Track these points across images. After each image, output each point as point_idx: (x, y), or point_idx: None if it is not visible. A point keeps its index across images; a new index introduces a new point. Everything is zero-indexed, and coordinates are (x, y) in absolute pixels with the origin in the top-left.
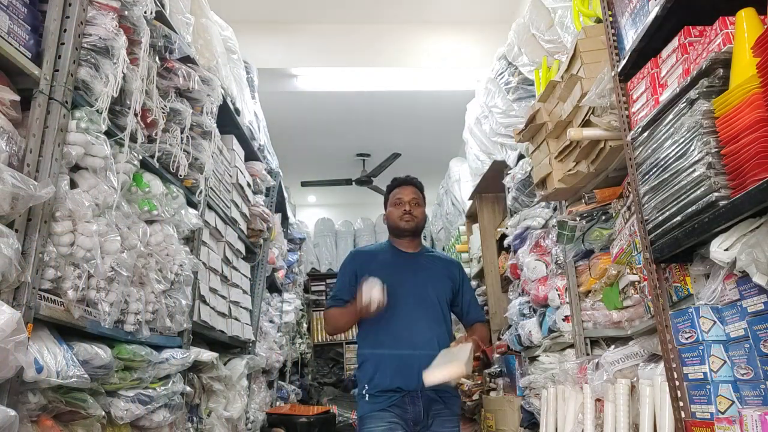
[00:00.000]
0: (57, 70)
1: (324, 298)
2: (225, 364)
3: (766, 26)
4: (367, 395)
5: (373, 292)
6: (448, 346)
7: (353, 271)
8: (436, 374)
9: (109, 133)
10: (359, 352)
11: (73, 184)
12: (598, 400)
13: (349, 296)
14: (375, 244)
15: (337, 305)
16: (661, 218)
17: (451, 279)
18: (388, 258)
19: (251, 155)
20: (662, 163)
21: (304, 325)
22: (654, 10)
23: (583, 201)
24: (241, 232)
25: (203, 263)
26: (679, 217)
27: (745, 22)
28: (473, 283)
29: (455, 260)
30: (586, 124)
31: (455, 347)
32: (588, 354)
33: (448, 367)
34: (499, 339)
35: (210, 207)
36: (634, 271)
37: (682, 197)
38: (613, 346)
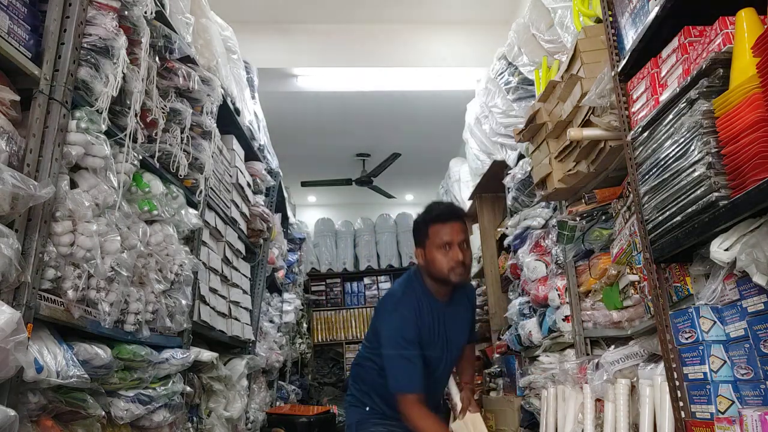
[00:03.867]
0: (57, 70)
1: (324, 298)
2: (225, 364)
3: (766, 26)
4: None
5: None
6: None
7: (418, 337)
8: None
9: (109, 133)
10: (367, 396)
11: (73, 184)
12: (598, 400)
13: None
14: (413, 294)
15: (418, 391)
16: (661, 218)
17: (471, 314)
18: (429, 316)
19: (251, 155)
20: (662, 163)
21: (304, 325)
22: (654, 10)
23: (583, 201)
24: (241, 232)
25: (203, 263)
26: (679, 217)
27: (745, 22)
28: (473, 283)
29: (471, 288)
30: (586, 124)
31: (466, 422)
32: (588, 354)
33: None
34: (499, 339)
35: (210, 207)
36: (634, 271)
37: (682, 197)
38: (613, 346)
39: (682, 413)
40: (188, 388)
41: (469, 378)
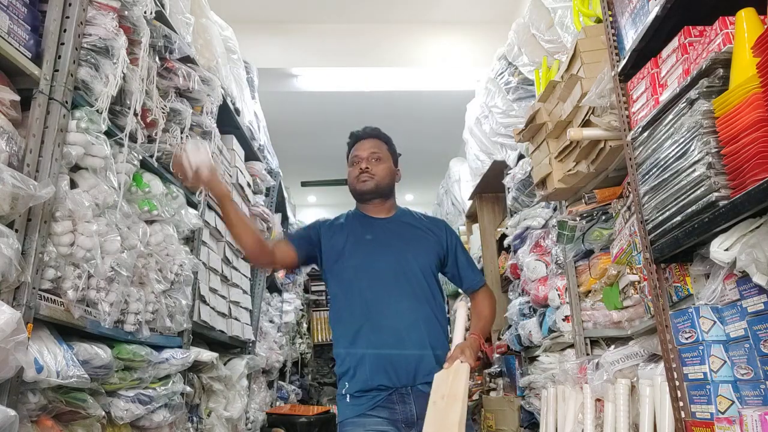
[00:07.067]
0: (57, 70)
1: (324, 298)
2: (225, 364)
3: (766, 26)
4: (347, 395)
5: (199, 153)
6: (440, 326)
7: (315, 231)
8: None
9: (109, 133)
10: (335, 345)
11: (73, 184)
12: (598, 400)
13: (297, 242)
14: (340, 215)
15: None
16: (661, 218)
17: (438, 242)
18: (357, 228)
19: (251, 155)
20: (662, 163)
21: (304, 325)
22: (654, 10)
23: (583, 201)
24: None
25: (203, 263)
26: (679, 217)
27: (745, 22)
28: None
29: (440, 220)
30: (586, 124)
31: (449, 373)
32: (588, 354)
33: None
34: (499, 339)
35: (210, 207)
36: (634, 271)
37: (682, 197)
38: (613, 346)
39: (682, 413)
40: (188, 388)
41: (478, 330)
